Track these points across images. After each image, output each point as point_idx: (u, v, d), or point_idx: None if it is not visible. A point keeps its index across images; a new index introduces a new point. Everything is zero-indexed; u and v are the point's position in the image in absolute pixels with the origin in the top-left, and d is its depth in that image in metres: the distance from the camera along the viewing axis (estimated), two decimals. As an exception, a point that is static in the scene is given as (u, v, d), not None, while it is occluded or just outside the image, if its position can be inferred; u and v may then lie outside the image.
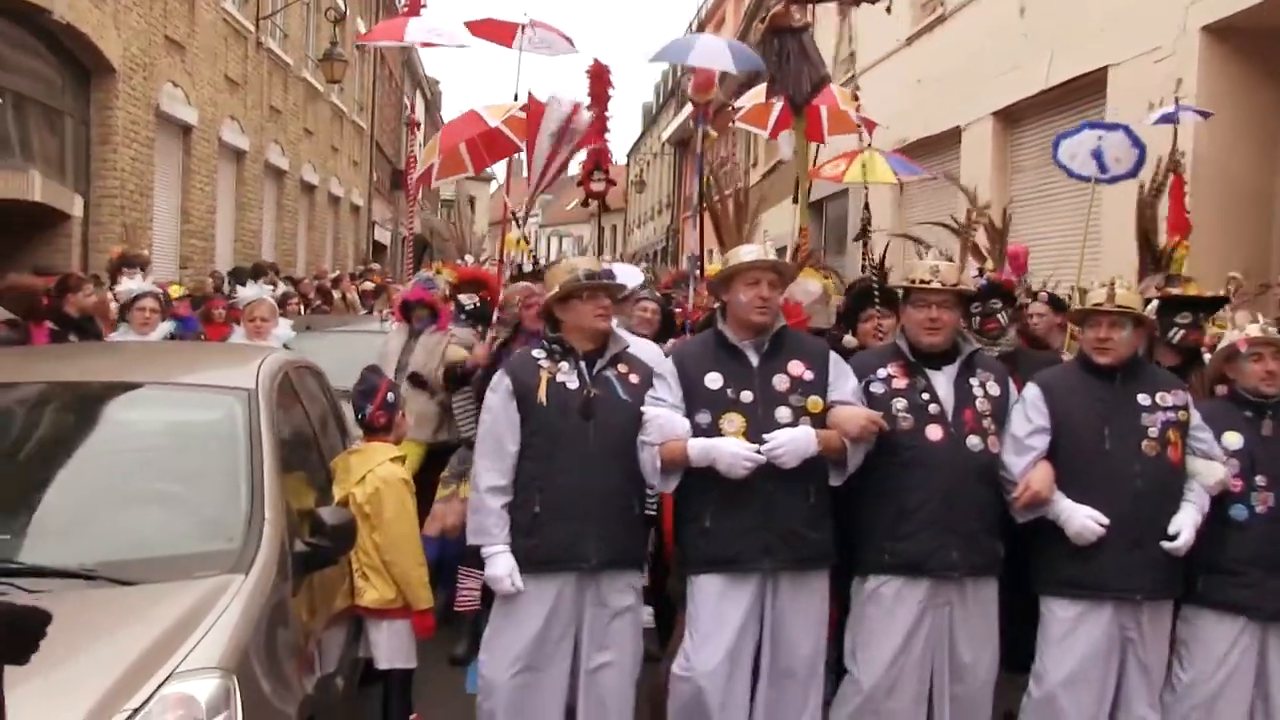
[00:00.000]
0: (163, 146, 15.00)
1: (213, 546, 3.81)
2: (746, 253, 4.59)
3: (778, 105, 7.69)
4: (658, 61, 7.92)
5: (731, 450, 4.26)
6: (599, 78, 7.44)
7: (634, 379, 4.59)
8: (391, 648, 4.79)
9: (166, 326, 7.33)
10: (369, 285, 17.63)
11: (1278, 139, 9.17)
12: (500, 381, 4.61)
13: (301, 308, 13.29)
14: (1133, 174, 7.32)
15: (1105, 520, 4.40)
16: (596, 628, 4.48)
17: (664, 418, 4.39)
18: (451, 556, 6.05)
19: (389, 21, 9.52)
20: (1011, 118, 13.22)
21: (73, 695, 2.99)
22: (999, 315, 5.33)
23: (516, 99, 8.24)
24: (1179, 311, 5.22)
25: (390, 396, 4.98)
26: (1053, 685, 4.48)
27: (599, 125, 7.61)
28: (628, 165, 52.04)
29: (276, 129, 20.60)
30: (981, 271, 5.66)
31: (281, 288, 13.19)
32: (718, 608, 4.38)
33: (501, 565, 4.42)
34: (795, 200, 6.79)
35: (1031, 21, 12.57)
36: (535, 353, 4.64)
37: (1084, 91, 11.24)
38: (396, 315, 7.52)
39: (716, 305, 4.73)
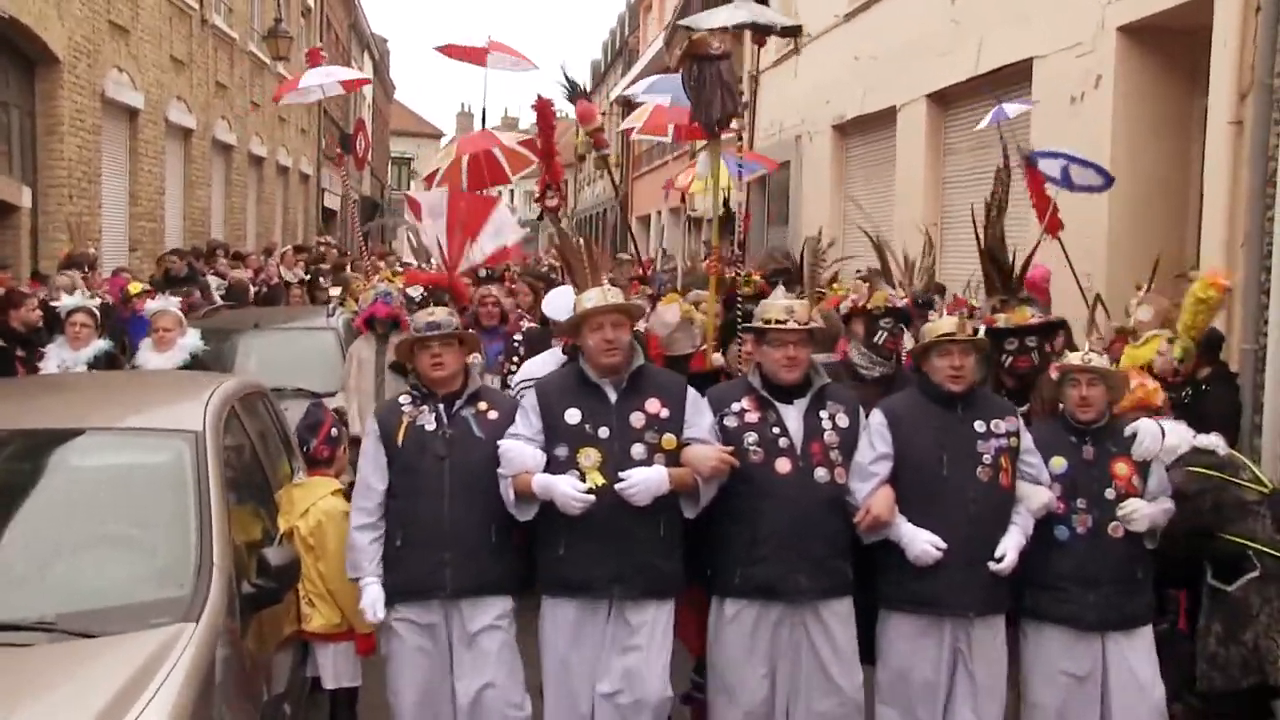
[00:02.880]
0: (109, 132, 15.05)
1: (164, 594, 4.03)
2: (588, 299, 4.80)
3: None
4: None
5: (563, 490, 4.53)
6: (543, 112, 7.99)
7: (492, 415, 4.86)
8: (338, 668, 5.08)
9: (100, 345, 7.43)
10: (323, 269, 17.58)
11: (1191, 134, 9.51)
12: (371, 426, 4.96)
13: (252, 296, 13.39)
14: (1101, 189, 8.11)
15: (943, 545, 4.68)
16: (465, 657, 4.75)
17: (514, 450, 4.66)
18: None
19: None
20: (945, 100, 13.51)
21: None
22: (898, 337, 5.66)
23: (485, 114, 8.93)
24: (1007, 338, 5.50)
25: (334, 431, 5.23)
26: (910, 696, 4.79)
27: (548, 150, 8.11)
28: (577, 123, 51.83)
29: (223, 105, 20.59)
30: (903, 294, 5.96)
31: (216, 283, 13.18)
32: (572, 633, 4.67)
33: (367, 596, 4.76)
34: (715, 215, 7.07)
35: (962, 8, 12.83)
36: (401, 399, 4.96)
37: (1011, 80, 11.54)
38: (361, 327, 8.22)
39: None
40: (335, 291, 12.19)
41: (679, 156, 28.61)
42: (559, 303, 6.13)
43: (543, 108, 7.85)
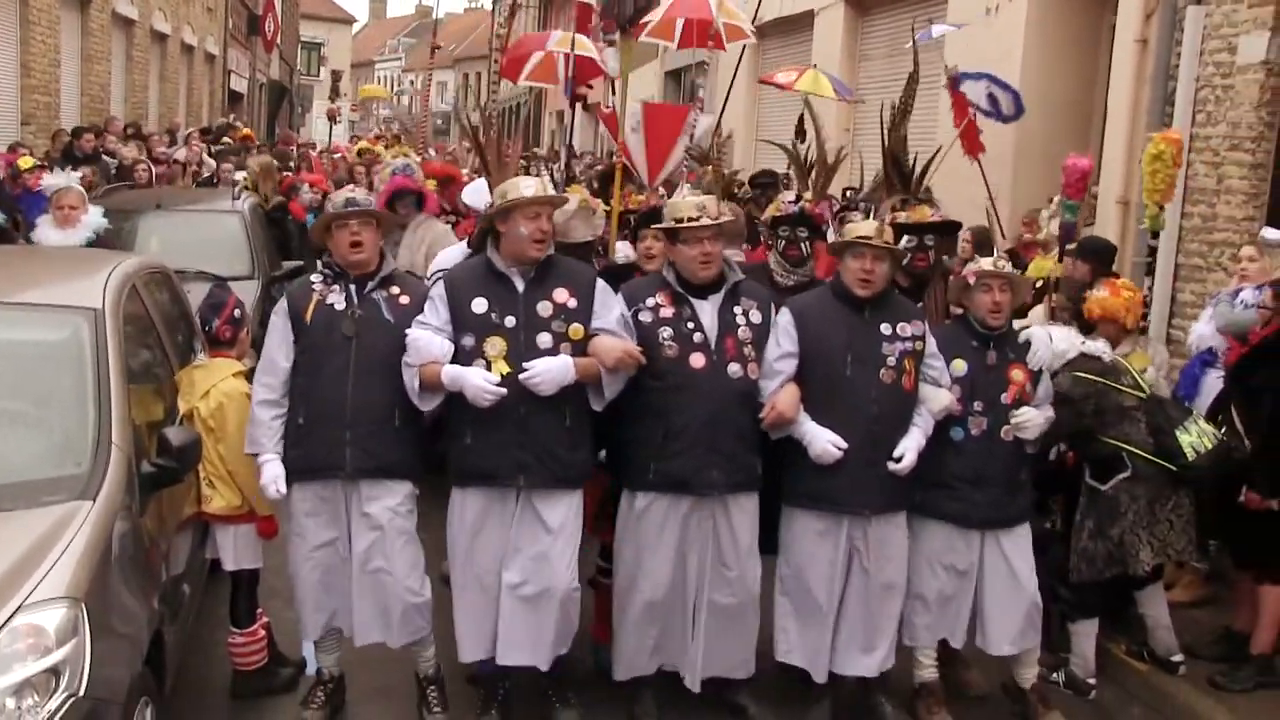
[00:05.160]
0: (-4, -4, 14.39)
1: (61, 471, 4.03)
2: (526, 186, 4.77)
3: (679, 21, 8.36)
4: None
5: (475, 382, 4.54)
6: None
7: (404, 300, 4.83)
8: (238, 550, 5.05)
9: None
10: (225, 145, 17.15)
11: (1099, 51, 9.68)
12: (281, 304, 4.93)
13: (152, 174, 13.05)
14: (1014, 118, 8.70)
15: (844, 445, 4.79)
16: (362, 535, 4.78)
17: (423, 340, 4.65)
18: None
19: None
20: (862, 6, 13.51)
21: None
22: (802, 244, 5.62)
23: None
24: (906, 235, 5.53)
25: (237, 312, 5.16)
26: (809, 585, 4.94)
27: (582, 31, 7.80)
28: (494, 12, 50.90)
29: (123, -25, 19.78)
30: (799, 198, 5.97)
31: (109, 161, 12.73)
32: (478, 521, 4.73)
33: (268, 473, 4.76)
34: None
35: (884, -88, 12.80)
36: (313, 277, 4.92)
37: (930, -12, 11.59)
38: (381, 209, 7.57)
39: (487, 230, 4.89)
40: (239, 176, 11.92)
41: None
42: (479, 189, 6.02)
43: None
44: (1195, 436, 5.34)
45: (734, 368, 4.80)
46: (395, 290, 4.86)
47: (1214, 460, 5.32)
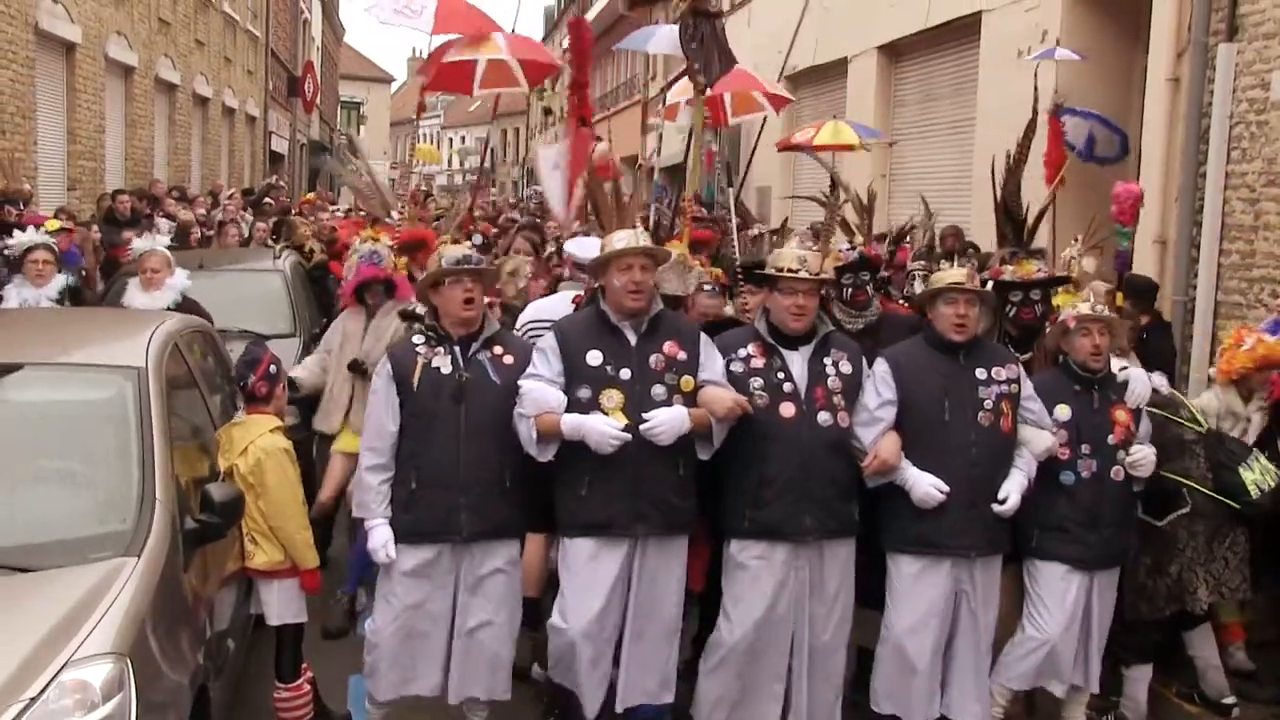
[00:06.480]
0: (44, 66, 14.66)
1: (106, 528, 4.07)
2: (619, 239, 4.87)
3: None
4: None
5: (600, 429, 4.62)
6: (579, 35, 7.53)
7: (508, 360, 4.89)
8: (282, 605, 5.07)
9: (61, 280, 7.38)
10: (267, 206, 17.33)
11: (1131, 91, 9.67)
12: (383, 367, 4.97)
13: (200, 236, 13.25)
14: (1112, 159, 8.57)
15: (946, 488, 4.84)
16: (471, 594, 4.85)
17: (537, 391, 4.71)
18: None
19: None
20: (895, 52, 13.58)
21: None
22: (867, 287, 5.70)
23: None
24: (1012, 290, 5.61)
25: (272, 368, 5.20)
26: (900, 633, 4.96)
27: (580, 81, 7.75)
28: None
29: (166, 42, 20.22)
30: (853, 245, 6.01)
31: (167, 225, 12.90)
32: (590, 569, 4.78)
33: (377, 537, 4.81)
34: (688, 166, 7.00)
35: (914, -41, 12.87)
36: (415, 339, 4.95)
37: (960, 33, 11.65)
38: (348, 301, 6.84)
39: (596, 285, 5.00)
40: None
41: (629, 106, 28.35)
42: (586, 244, 5.95)
43: (577, 26, 7.45)
44: (1258, 474, 5.35)
45: (824, 416, 4.86)
46: (499, 350, 4.93)
47: (1277, 498, 5.30)
